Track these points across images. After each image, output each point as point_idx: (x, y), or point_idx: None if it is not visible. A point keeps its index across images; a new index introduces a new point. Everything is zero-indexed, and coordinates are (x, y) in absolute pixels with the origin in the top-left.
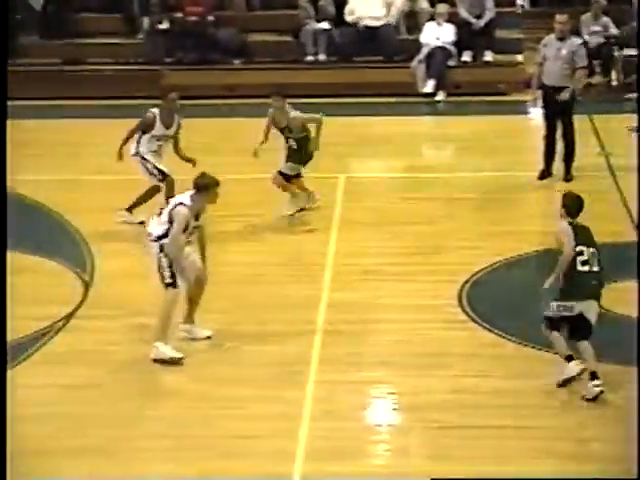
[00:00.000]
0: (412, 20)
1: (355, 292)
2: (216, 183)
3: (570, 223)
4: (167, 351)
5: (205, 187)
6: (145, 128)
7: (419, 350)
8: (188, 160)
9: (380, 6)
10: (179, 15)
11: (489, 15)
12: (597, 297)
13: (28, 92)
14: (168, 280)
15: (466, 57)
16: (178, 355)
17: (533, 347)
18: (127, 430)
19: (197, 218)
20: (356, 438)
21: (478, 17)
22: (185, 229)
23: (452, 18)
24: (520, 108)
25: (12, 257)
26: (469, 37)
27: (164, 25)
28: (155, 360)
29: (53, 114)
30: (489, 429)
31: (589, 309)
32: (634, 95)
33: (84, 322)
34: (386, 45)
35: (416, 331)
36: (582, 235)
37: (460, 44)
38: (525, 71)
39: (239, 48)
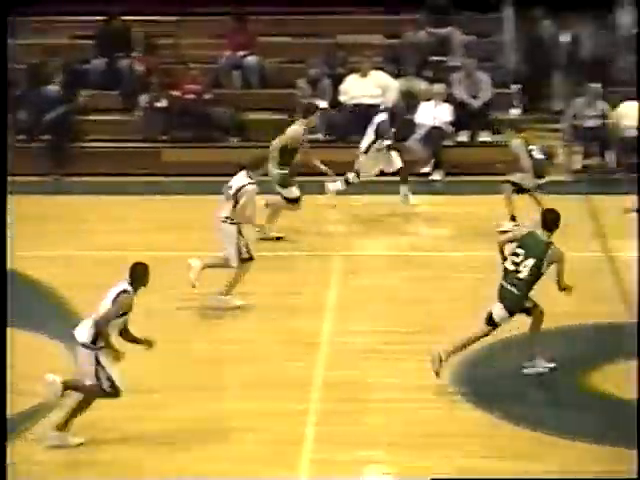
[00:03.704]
0: (408, 100)
1: (350, 371)
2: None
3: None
4: None
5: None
6: None
7: (415, 430)
8: None
9: (374, 86)
10: (177, 93)
11: (485, 95)
12: (503, 299)
13: (26, 169)
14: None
15: (463, 137)
16: None
17: (530, 429)
18: None
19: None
20: None
21: (474, 97)
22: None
23: (448, 98)
24: None
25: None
26: (465, 117)
27: (162, 103)
28: None
29: (51, 190)
30: None
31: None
32: (630, 176)
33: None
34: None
35: (411, 411)
36: (530, 243)
37: (456, 124)
38: None
39: (236, 126)
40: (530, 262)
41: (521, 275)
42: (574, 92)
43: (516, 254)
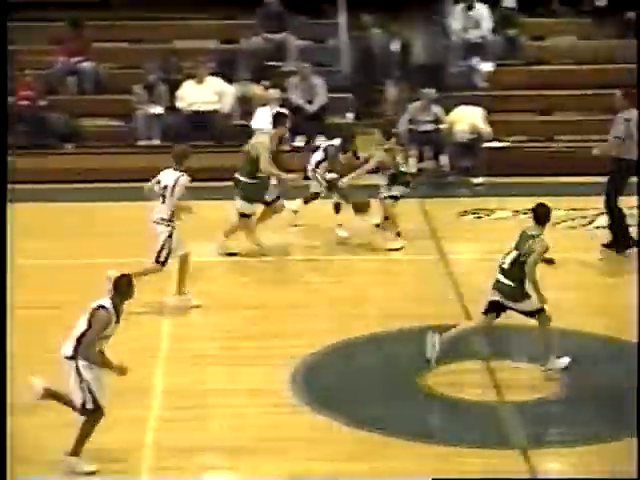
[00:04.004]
0: (245, 105)
1: (189, 377)
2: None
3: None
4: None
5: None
6: None
7: (253, 435)
8: None
9: (211, 92)
10: (10, 99)
11: (321, 100)
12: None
13: None
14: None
15: (298, 142)
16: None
17: (366, 430)
18: None
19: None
20: None
21: (310, 102)
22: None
23: (284, 103)
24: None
25: None
26: (301, 122)
27: None
28: None
29: None
30: None
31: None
32: (463, 179)
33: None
34: (217, 130)
35: (249, 416)
36: (521, 239)
37: (292, 129)
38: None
39: (71, 132)
40: (513, 254)
41: (505, 266)
42: (408, 97)
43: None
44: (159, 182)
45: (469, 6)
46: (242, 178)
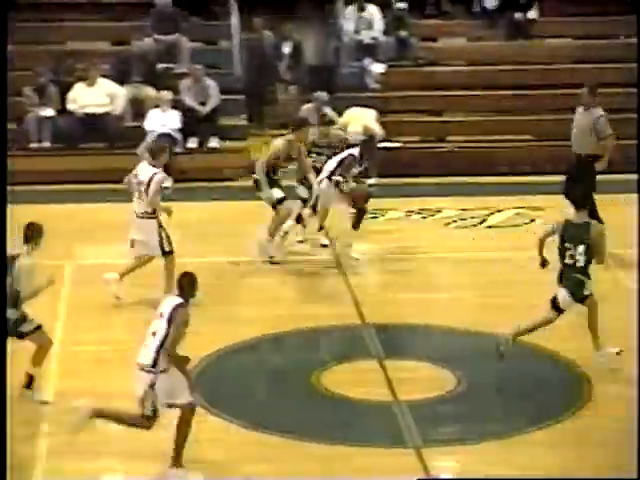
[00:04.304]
0: (137, 107)
1: (83, 380)
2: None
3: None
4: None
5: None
6: None
7: (148, 438)
8: None
9: (102, 95)
10: None
11: (213, 102)
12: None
13: None
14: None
15: (192, 143)
16: None
17: (262, 431)
18: None
19: None
20: None
21: (202, 104)
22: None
23: (177, 105)
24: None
25: None
26: (194, 124)
27: None
28: None
29: None
30: None
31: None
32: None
33: None
34: (110, 132)
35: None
36: (572, 232)
37: (185, 131)
38: (250, 157)
39: None
40: (581, 248)
41: (579, 264)
42: (300, 100)
43: (567, 248)
44: (136, 176)
45: (361, 7)
46: None
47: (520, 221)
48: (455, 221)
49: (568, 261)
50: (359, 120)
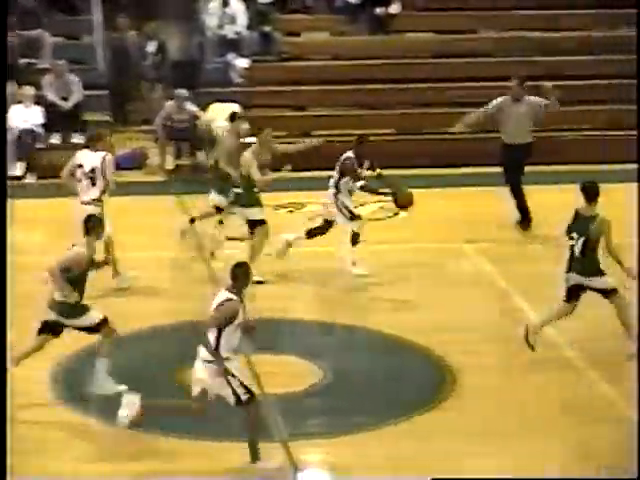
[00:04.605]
0: None
1: None
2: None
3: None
4: None
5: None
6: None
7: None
8: None
9: None
10: None
11: (76, 97)
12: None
13: None
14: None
15: (54, 139)
16: None
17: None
18: None
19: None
20: None
21: (65, 99)
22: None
23: (39, 100)
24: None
25: None
26: (57, 119)
27: None
28: None
29: None
30: None
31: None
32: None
33: None
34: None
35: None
36: (578, 224)
37: (48, 126)
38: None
39: None
40: (580, 241)
41: (576, 255)
42: (165, 95)
43: (572, 238)
44: (81, 166)
45: (224, 2)
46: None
47: (383, 215)
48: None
49: (573, 250)
50: (224, 115)
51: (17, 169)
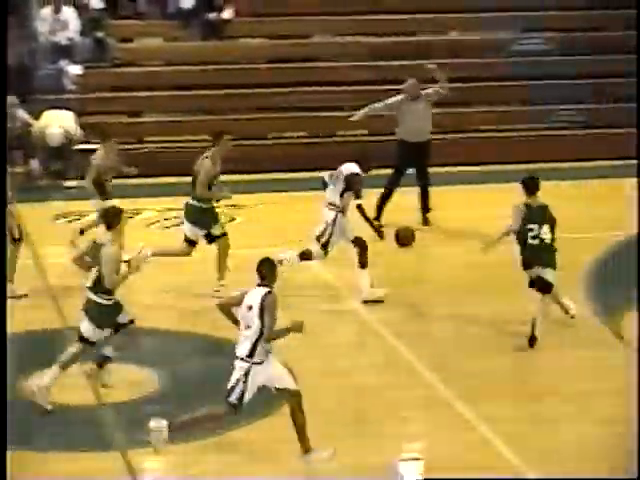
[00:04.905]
0: None
1: None
2: None
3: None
4: None
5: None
6: None
7: None
8: None
9: None
10: None
11: None
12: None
13: None
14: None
15: None
16: None
17: None
18: None
19: None
20: None
21: None
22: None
23: None
24: None
25: None
26: None
27: None
28: None
29: None
30: None
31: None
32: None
33: None
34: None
35: None
36: (535, 213)
37: None
38: None
39: None
40: (545, 227)
41: (547, 240)
42: None
43: (530, 229)
44: None
45: (56, 8)
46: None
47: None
48: (159, 221)
49: (533, 242)
50: (57, 122)
51: None
